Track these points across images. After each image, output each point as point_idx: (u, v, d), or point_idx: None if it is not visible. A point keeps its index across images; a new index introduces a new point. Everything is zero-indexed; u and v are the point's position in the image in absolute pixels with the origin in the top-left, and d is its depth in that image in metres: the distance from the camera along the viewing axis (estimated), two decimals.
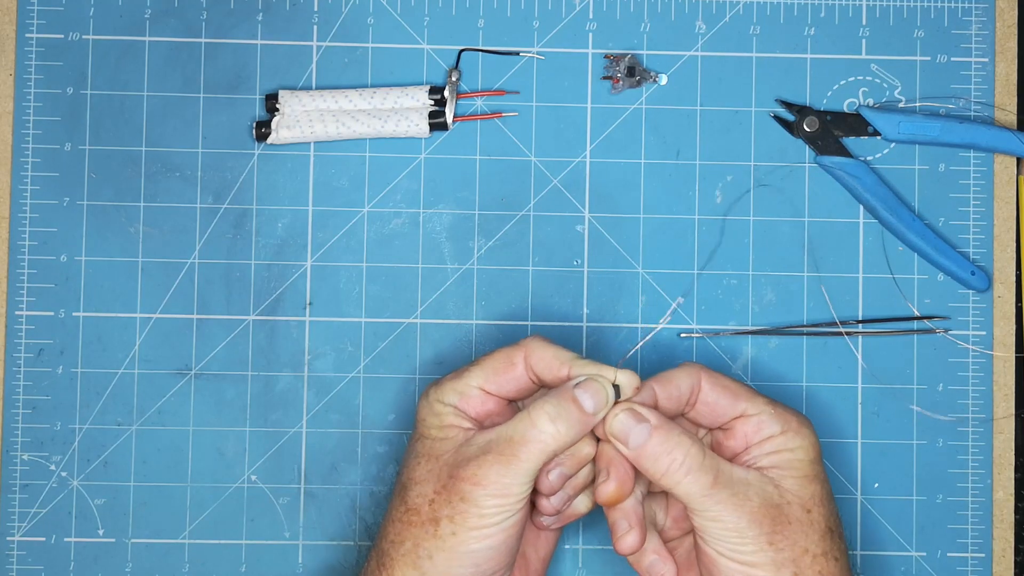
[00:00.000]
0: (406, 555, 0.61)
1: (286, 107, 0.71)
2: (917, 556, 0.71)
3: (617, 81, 0.72)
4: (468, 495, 0.60)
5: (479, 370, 0.63)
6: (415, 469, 0.62)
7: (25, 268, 0.71)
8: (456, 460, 0.61)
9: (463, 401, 0.63)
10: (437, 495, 0.61)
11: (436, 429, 0.63)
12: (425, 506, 0.61)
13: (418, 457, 0.63)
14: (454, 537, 0.60)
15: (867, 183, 0.71)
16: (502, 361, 0.63)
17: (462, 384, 0.63)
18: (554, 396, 0.61)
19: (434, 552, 0.60)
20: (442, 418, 0.63)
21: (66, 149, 0.72)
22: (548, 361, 0.63)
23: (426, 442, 0.63)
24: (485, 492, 0.60)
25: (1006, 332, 0.72)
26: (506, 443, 0.60)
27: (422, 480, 0.62)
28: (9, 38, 0.72)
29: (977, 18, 0.73)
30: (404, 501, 0.62)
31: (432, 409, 0.63)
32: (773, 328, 0.72)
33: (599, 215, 0.72)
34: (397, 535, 0.62)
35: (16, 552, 0.70)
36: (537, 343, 0.63)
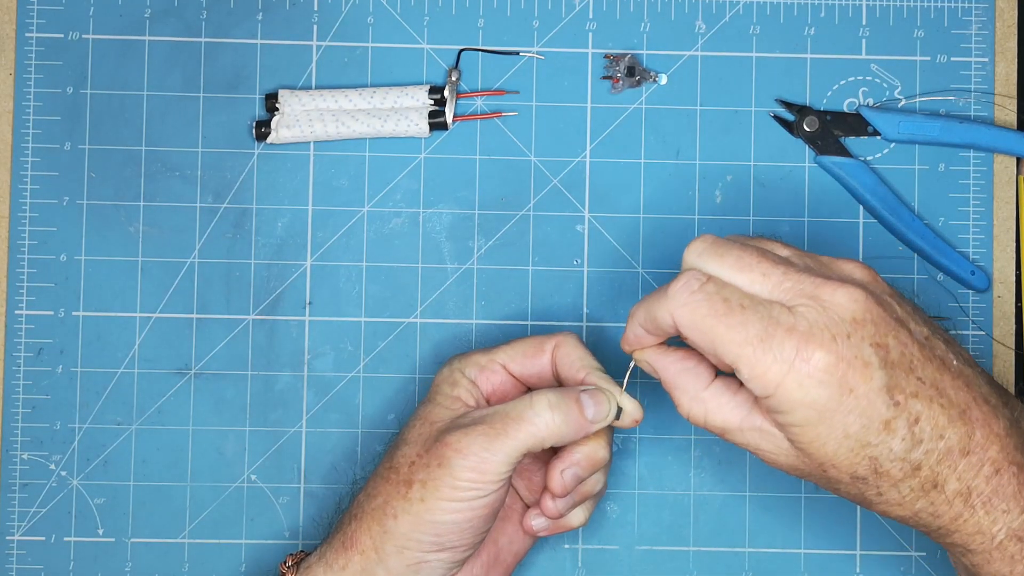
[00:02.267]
0: (375, 510, 0.62)
1: (286, 107, 0.71)
2: (917, 556, 0.71)
3: (617, 81, 0.72)
4: (446, 461, 0.60)
5: (509, 348, 0.65)
6: (410, 430, 0.63)
7: (25, 267, 0.71)
8: (447, 427, 0.61)
9: (483, 374, 0.64)
10: (419, 457, 0.61)
11: (445, 397, 0.64)
12: (405, 466, 0.61)
13: (416, 419, 0.63)
14: (422, 503, 0.60)
15: (867, 183, 0.71)
16: (532, 346, 0.64)
17: (487, 358, 0.64)
18: (561, 390, 0.62)
19: (400, 513, 0.61)
20: (456, 388, 0.64)
21: (66, 149, 0.72)
22: (573, 360, 0.63)
23: (429, 406, 0.64)
24: (464, 462, 0.60)
25: (1006, 332, 0.72)
26: (499, 417, 0.60)
27: (411, 441, 0.62)
28: (9, 37, 0.72)
29: (977, 18, 0.73)
30: (391, 458, 0.63)
31: (451, 377, 0.64)
32: None
33: (599, 215, 0.72)
34: (374, 488, 0.62)
35: (16, 552, 0.70)
36: (570, 340, 0.64)
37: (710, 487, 0.71)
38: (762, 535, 0.71)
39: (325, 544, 0.64)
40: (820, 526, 0.71)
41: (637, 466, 0.71)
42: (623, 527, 0.71)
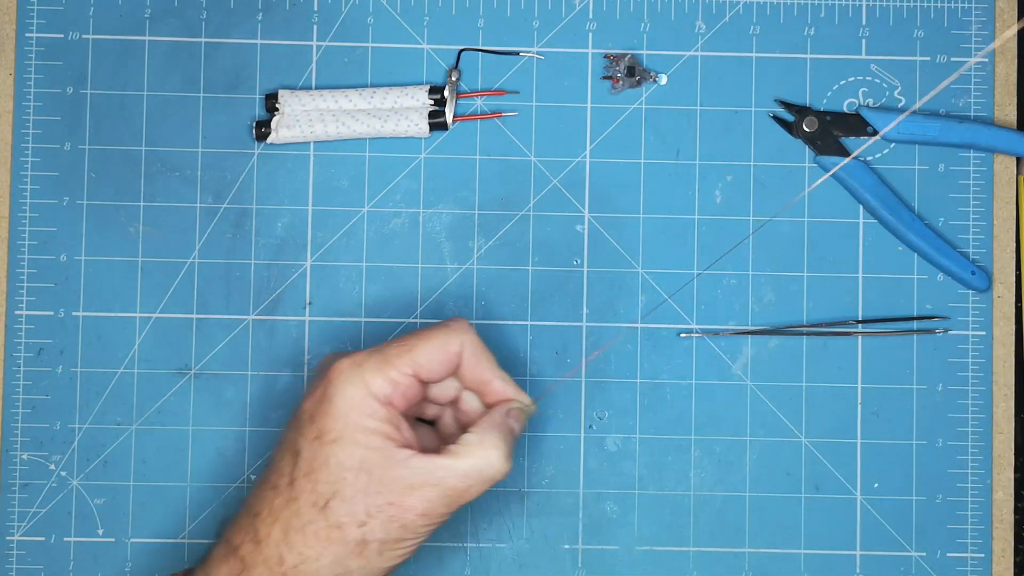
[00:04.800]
0: (323, 570, 0.59)
1: (286, 107, 0.71)
2: (917, 556, 0.71)
3: (617, 81, 0.72)
4: (410, 525, 0.59)
5: (412, 356, 0.61)
6: (342, 483, 0.59)
7: (25, 268, 0.71)
8: (393, 484, 0.59)
9: (395, 391, 0.60)
10: (371, 518, 0.59)
11: (363, 434, 0.59)
12: (354, 527, 0.59)
13: (343, 469, 0.59)
14: (380, 557, 0.59)
15: (867, 183, 0.71)
16: (440, 350, 0.62)
17: (396, 372, 0.61)
18: (502, 431, 0.61)
19: (355, 569, 0.59)
20: (373, 420, 0.60)
21: (66, 149, 0.72)
22: (483, 366, 0.63)
23: (353, 450, 0.59)
24: (429, 524, 0.60)
25: (1006, 332, 0.72)
26: (460, 479, 0.60)
27: (352, 498, 0.59)
28: (9, 38, 0.72)
29: (977, 18, 0.73)
30: (325, 516, 0.59)
31: (361, 405, 0.60)
32: (773, 328, 0.72)
33: (599, 215, 0.72)
34: (307, 547, 0.59)
35: (16, 552, 0.70)
36: (474, 343, 0.63)
37: (710, 487, 0.71)
38: (762, 535, 0.71)
39: None
40: (820, 526, 0.71)
41: (637, 466, 0.71)
42: (623, 527, 0.71)
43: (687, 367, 0.72)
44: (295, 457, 0.60)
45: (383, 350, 0.61)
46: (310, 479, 0.59)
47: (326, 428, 0.60)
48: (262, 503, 0.60)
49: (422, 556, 0.71)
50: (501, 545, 0.71)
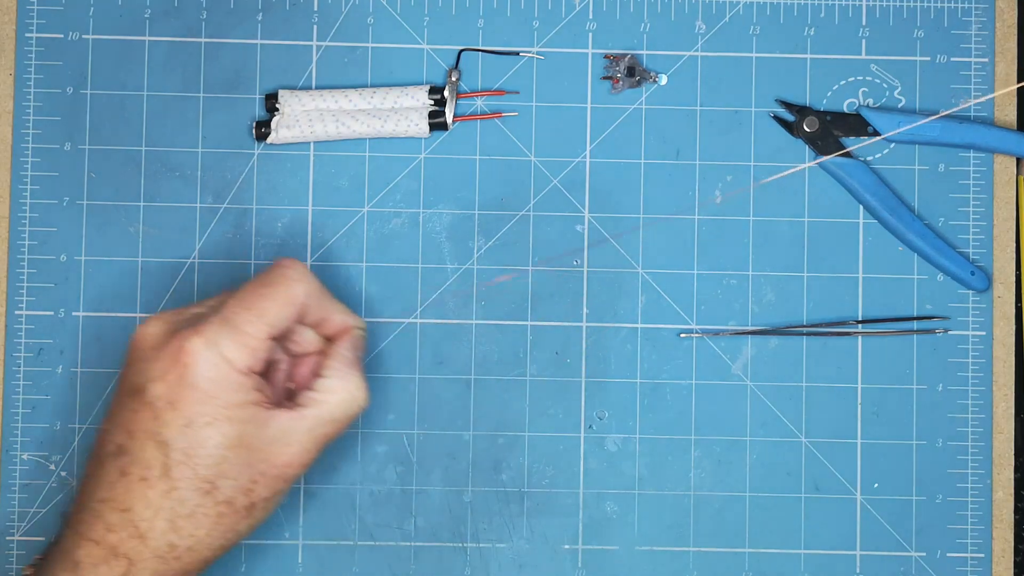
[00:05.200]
0: (215, 542, 0.60)
1: (286, 107, 0.71)
2: (917, 556, 0.71)
3: (617, 81, 0.72)
4: (291, 477, 0.61)
5: (264, 320, 0.61)
6: (225, 463, 0.59)
7: (25, 268, 0.71)
8: (272, 447, 0.60)
9: (254, 358, 0.60)
10: (255, 484, 0.60)
11: (236, 410, 0.59)
12: (242, 497, 0.60)
13: (223, 449, 0.59)
14: (264, 512, 0.61)
15: (867, 183, 0.71)
16: (288, 305, 0.61)
17: (252, 340, 0.60)
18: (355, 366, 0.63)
19: (244, 530, 0.61)
20: (241, 394, 0.59)
21: (66, 149, 0.72)
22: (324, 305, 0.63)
23: (229, 429, 0.59)
24: (305, 469, 0.62)
25: (1006, 332, 0.72)
26: (331, 424, 0.62)
27: (237, 474, 0.59)
28: (9, 38, 0.72)
29: (977, 18, 0.73)
30: (213, 497, 0.59)
31: (228, 383, 0.59)
32: (773, 328, 0.72)
33: (599, 215, 0.72)
34: (202, 530, 0.59)
35: (16, 552, 0.70)
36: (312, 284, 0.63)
37: (710, 487, 0.71)
38: (762, 535, 0.71)
39: None
40: (820, 526, 0.71)
41: (637, 466, 0.71)
42: (623, 527, 0.71)
43: (687, 367, 0.72)
44: (163, 447, 0.59)
45: (232, 319, 0.60)
46: (189, 466, 0.59)
47: (196, 413, 0.59)
48: (132, 498, 0.59)
49: (422, 556, 0.71)
50: (501, 545, 0.71)
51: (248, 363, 0.60)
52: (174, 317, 0.61)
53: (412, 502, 0.71)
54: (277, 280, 0.62)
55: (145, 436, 0.59)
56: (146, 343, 0.60)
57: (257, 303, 0.61)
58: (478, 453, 0.71)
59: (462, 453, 0.71)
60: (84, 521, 0.59)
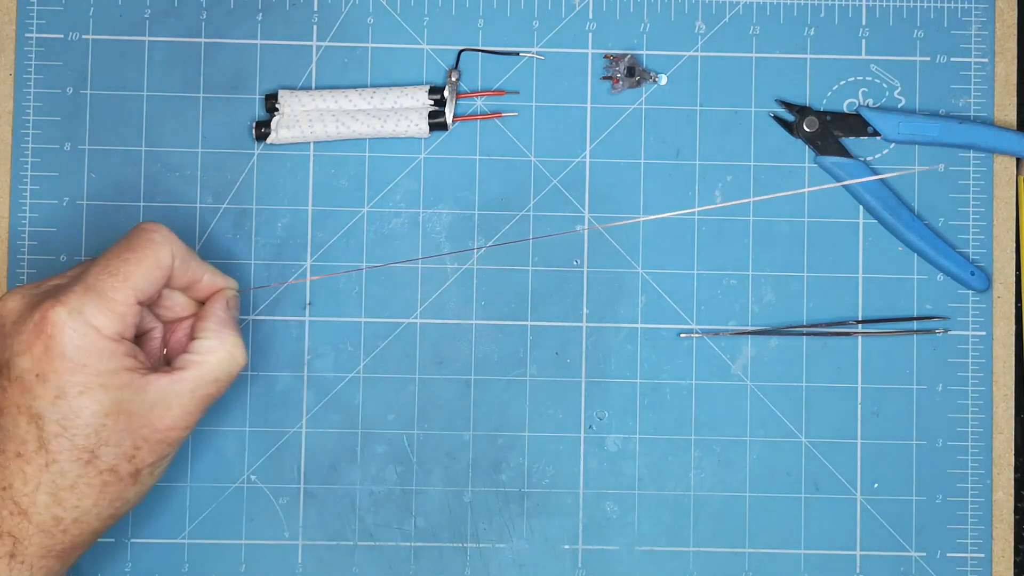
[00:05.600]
0: (103, 511, 0.59)
1: (286, 107, 0.71)
2: (917, 556, 0.71)
3: (617, 81, 0.72)
4: (175, 440, 0.60)
5: (131, 284, 0.60)
6: (104, 431, 0.58)
7: (25, 268, 0.71)
8: (152, 412, 0.60)
9: (123, 323, 0.59)
10: (138, 450, 0.59)
11: (109, 376, 0.58)
12: (125, 463, 0.59)
13: (100, 417, 0.58)
14: (152, 477, 0.61)
15: (867, 183, 0.71)
16: (155, 268, 0.61)
17: (120, 306, 0.59)
18: (230, 325, 0.63)
19: (132, 497, 0.60)
20: (113, 360, 0.58)
21: (66, 149, 0.72)
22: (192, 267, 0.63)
23: (103, 396, 0.58)
24: (189, 431, 0.61)
25: (1006, 332, 0.72)
26: (212, 385, 0.61)
27: (117, 441, 0.58)
28: (9, 38, 0.72)
29: (977, 18, 0.73)
30: (95, 466, 0.58)
31: (97, 350, 0.58)
32: (773, 328, 0.72)
33: (599, 215, 0.72)
34: (87, 500, 0.59)
35: None
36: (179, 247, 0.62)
37: (710, 487, 0.71)
38: (762, 535, 0.71)
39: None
40: (820, 526, 0.71)
41: (637, 466, 0.71)
42: (623, 527, 0.71)
43: (687, 367, 0.72)
44: (36, 420, 0.58)
45: (95, 286, 0.58)
46: (66, 438, 0.58)
47: (67, 384, 0.58)
48: (9, 475, 0.58)
49: (422, 556, 0.71)
50: (501, 545, 0.71)
51: (117, 329, 0.59)
52: (33, 290, 0.60)
53: (412, 502, 0.71)
54: (141, 244, 0.61)
55: (17, 411, 0.58)
56: (7, 318, 0.59)
57: (122, 268, 0.59)
58: (478, 453, 0.71)
59: (462, 453, 0.71)
60: None
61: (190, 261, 0.63)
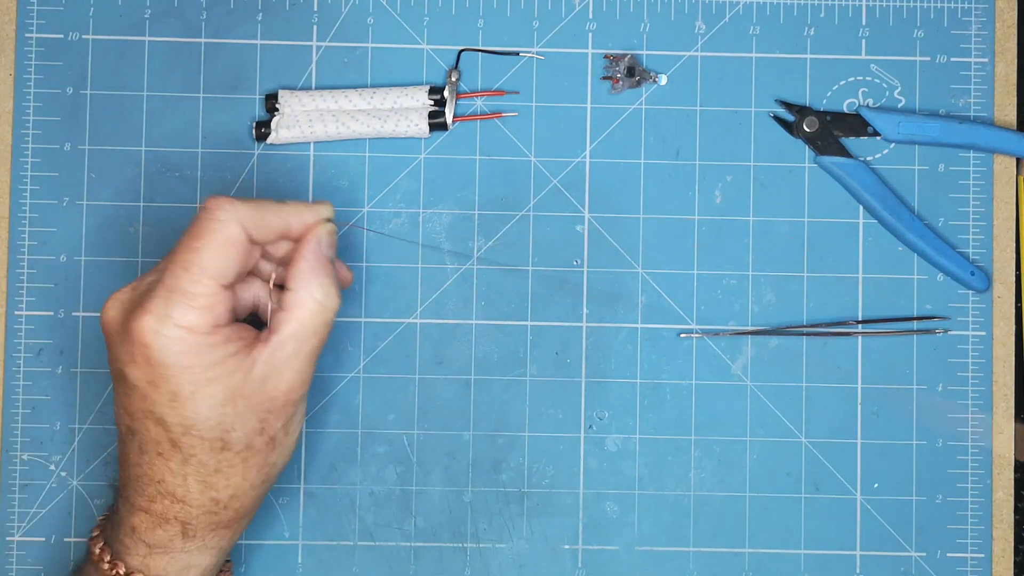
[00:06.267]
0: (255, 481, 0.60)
1: (286, 107, 0.71)
2: (917, 556, 0.71)
3: (617, 81, 0.72)
4: (299, 398, 0.60)
5: (206, 273, 0.58)
6: (225, 419, 0.58)
7: (25, 268, 0.71)
8: (265, 384, 0.59)
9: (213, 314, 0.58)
10: (266, 422, 0.60)
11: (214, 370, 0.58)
12: (258, 438, 0.60)
13: (218, 408, 0.58)
14: (289, 436, 0.61)
15: (867, 183, 0.72)
16: (226, 249, 0.59)
17: (202, 299, 0.58)
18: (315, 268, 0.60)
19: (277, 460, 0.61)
20: (214, 353, 0.58)
21: (66, 149, 0.72)
22: (270, 221, 0.60)
23: (215, 390, 0.58)
24: (309, 382, 0.61)
25: (1006, 332, 0.72)
26: (312, 336, 0.60)
27: (243, 422, 0.59)
28: (9, 38, 0.72)
29: (977, 18, 0.73)
30: (230, 450, 0.59)
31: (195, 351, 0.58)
32: (773, 328, 0.72)
33: (599, 215, 0.72)
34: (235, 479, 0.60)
35: (16, 552, 0.70)
36: (245, 212, 0.59)
37: (710, 487, 0.71)
38: (762, 535, 0.71)
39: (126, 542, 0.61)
40: (820, 526, 0.71)
41: (637, 466, 0.71)
42: (623, 527, 0.71)
43: (687, 367, 0.72)
44: (161, 423, 0.59)
45: (175, 286, 0.58)
46: (193, 434, 0.59)
47: (177, 387, 0.58)
48: (158, 471, 0.59)
49: (422, 556, 0.71)
50: (501, 545, 0.71)
51: (208, 323, 0.58)
52: (129, 294, 0.60)
53: (412, 502, 0.71)
54: (207, 229, 0.59)
55: (143, 416, 0.59)
56: (111, 328, 0.60)
57: (194, 260, 0.58)
58: (478, 453, 0.71)
59: (462, 453, 0.71)
60: (130, 491, 0.61)
61: (267, 219, 0.60)
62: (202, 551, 0.61)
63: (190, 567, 0.61)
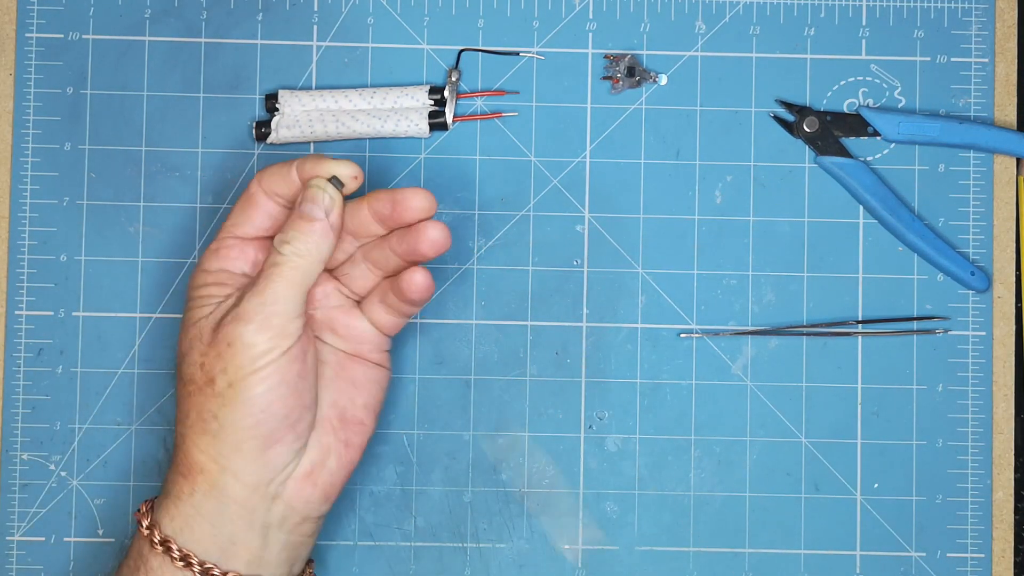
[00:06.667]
0: (194, 425, 0.60)
1: (286, 107, 0.71)
2: (917, 556, 0.71)
3: (617, 81, 0.72)
4: (233, 338, 0.59)
5: (227, 221, 0.64)
6: (182, 343, 0.62)
7: (25, 268, 0.71)
8: (217, 315, 0.61)
9: (222, 259, 0.63)
10: (204, 356, 0.60)
11: (195, 299, 0.62)
12: (198, 371, 0.60)
13: (183, 330, 0.62)
14: (231, 388, 0.59)
15: (867, 183, 0.72)
16: (243, 200, 0.64)
17: (216, 242, 0.64)
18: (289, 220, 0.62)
19: (218, 410, 0.60)
20: (203, 287, 0.62)
21: (66, 149, 0.72)
22: (279, 174, 0.63)
23: (186, 314, 0.63)
24: (248, 327, 0.59)
25: (1006, 332, 0.72)
26: (261, 276, 0.61)
27: (189, 349, 0.61)
28: (9, 38, 0.72)
29: (977, 18, 0.73)
30: (180, 377, 0.61)
31: (195, 279, 0.63)
32: (773, 328, 0.72)
33: (599, 215, 0.72)
34: (182, 411, 0.61)
35: (16, 552, 0.70)
36: (268, 166, 0.64)
37: (710, 487, 0.71)
38: (762, 535, 0.71)
39: (166, 483, 0.62)
40: (820, 526, 0.71)
41: (637, 466, 0.71)
42: (623, 527, 0.71)
43: (687, 367, 0.72)
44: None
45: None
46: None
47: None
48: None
49: (422, 556, 0.71)
50: (501, 545, 0.71)
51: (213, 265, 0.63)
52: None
53: (412, 502, 0.71)
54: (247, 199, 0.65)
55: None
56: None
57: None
58: (478, 453, 0.71)
59: (462, 453, 0.71)
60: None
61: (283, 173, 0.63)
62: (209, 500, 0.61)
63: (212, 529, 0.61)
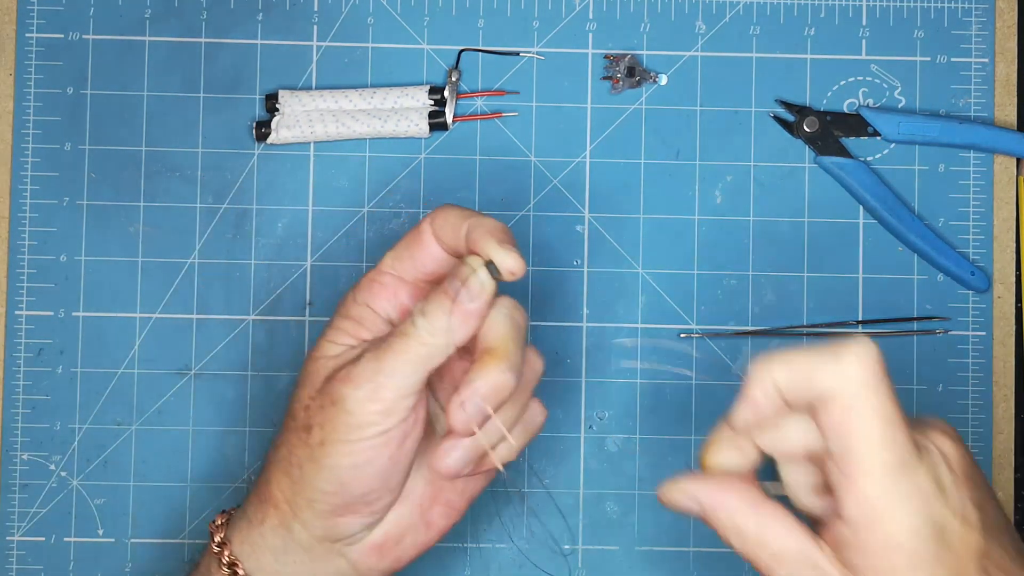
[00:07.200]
0: (281, 461, 0.58)
1: (286, 107, 0.71)
2: None
3: (617, 81, 0.72)
4: (339, 397, 0.55)
5: (390, 252, 0.59)
6: (304, 368, 0.58)
7: (25, 268, 0.71)
8: (337, 364, 0.57)
9: (374, 294, 0.58)
10: (312, 400, 0.57)
11: (334, 329, 0.58)
12: (301, 411, 0.57)
13: (309, 356, 0.58)
14: (322, 447, 0.55)
15: (867, 183, 0.72)
16: (411, 236, 0.59)
17: (375, 272, 0.59)
18: (433, 291, 0.56)
19: (304, 462, 0.56)
20: (342, 320, 0.59)
21: (66, 149, 0.72)
22: (450, 224, 0.57)
23: (320, 337, 0.59)
24: (356, 392, 0.55)
25: (1006, 332, 0.72)
26: (386, 339, 0.56)
27: (302, 384, 0.58)
28: (9, 38, 0.72)
29: (977, 18, 0.73)
30: (289, 405, 0.59)
31: (343, 308, 0.59)
32: (773, 328, 0.72)
33: (599, 215, 0.72)
34: (280, 437, 0.59)
35: (16, 552, 0.70)
36: (444, 209, 0.58)
37: None
38: None
39: (247, 500, 0.61)
40: None
41: (637, 466, 0.71)
42: (623, 527, 0.71)
43: (687, 367, 0.72)
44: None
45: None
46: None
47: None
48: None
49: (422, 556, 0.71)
50: (501, 545, 0.71)
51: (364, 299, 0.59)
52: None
53: None
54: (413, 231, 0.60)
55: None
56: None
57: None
58: None
59: None
60: None
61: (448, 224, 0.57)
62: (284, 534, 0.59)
63: None
